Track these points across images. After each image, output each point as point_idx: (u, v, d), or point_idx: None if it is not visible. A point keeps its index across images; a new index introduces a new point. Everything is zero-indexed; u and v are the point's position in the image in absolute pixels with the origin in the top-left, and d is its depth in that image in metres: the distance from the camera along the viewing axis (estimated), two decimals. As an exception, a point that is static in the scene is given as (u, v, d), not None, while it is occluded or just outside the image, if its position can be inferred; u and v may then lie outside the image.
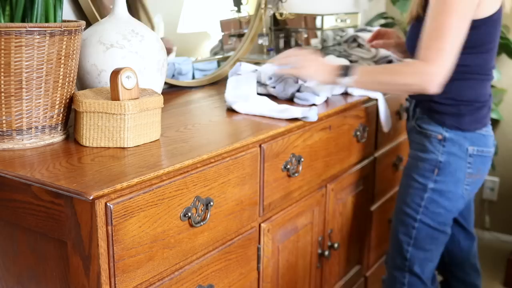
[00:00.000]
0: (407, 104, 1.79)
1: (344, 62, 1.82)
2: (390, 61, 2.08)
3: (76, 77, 1.17)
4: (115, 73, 1.08)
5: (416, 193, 1.65)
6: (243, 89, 1.53)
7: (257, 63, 1.92)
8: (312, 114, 1.41)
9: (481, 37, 1.53)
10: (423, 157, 1.64)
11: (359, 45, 2.08)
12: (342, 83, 1.53)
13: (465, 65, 1.54)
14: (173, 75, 1.80)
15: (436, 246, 1.69)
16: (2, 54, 1.01)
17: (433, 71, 1.45)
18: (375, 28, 2.16)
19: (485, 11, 1.50)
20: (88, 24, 1.48)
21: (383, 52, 2.01)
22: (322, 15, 2.17)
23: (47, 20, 1.09)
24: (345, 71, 1.52)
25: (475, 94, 1.59)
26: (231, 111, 1.47)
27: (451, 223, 1.69)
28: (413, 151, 1.70)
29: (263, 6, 2.09)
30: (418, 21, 1.59)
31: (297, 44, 2.22)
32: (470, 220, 1.86)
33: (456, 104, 1.59)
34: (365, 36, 2.06)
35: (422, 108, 1.67)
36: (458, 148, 1.60)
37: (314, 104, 1.56)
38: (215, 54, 2.02)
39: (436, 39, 1.45)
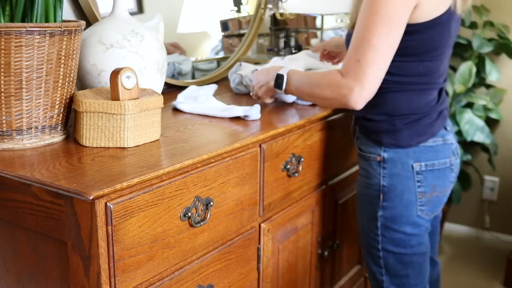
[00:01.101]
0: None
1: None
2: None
3: (76, 77, 1.17)
4: (115, 73, 1.08)
5: (369, 221, 1.48)
6: (197, 93, 1.51)
7: (257, 63, 1.92)
8: (254, 112, 1.36)
9: (424, 44, 1.34)
10: (367, 183, 1.47)
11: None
12: (281, 93, 1.47)
13: (401, 75, 1.36)
14: (173, 75, 1.80)
15: (412, 269, 1.49)
16: (2, 54, 1.01)
17: (349, 84, 1.29)
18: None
19: (425, 15, 1.30)
20: (88, 24, 1.48)
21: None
22: (322, 15, 2.17)
23: (47, 20, 1.09)
24: (278, 81, 1.43)
25: (411, 106, 1.38)
26: (176, 110, 1.46)
27: (424, 241, 1.48)
28: (359, 176, 1.53)
29: (263, 6, 2.09)
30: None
31: (297, 44, 2.22)
32: (433, 246, 1.63)
33: (390, 119, 1.40)
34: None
35: (359, 126, 1.49)
36: (401, 167, 1.41)
37: (314, 104, 1.56)
38: (215, 54, 2.02)
39: (356, 49, 1.29)
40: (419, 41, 1.33)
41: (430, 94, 1.41)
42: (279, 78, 1.44)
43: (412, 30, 1.31)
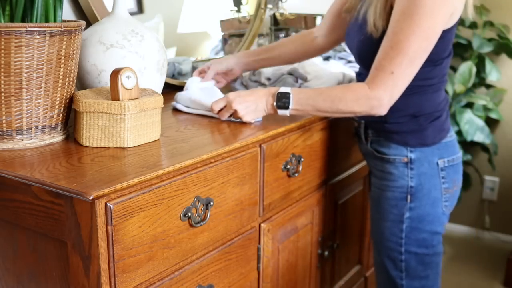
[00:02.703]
0: (355, 124, 1.58)
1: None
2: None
3: (76, 77, 1.17)
4: (115, 73, 1.08)
5: (393, 225, 1.47)
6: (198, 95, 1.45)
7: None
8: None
9: (443, 49, 1.36)
10: (390, 186, 1.45)
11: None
12: (284, 114, 1.34)
13: (421, 79, 1.37)
14: (173, 75, 1.80)
15: (431, 270, 1.51)
16: (2, 54, 1.01)
17: (379, 96, 1.28)
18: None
19: (451, 22, 1.33)
20: (88, 24, 1.48)
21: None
22: (322, 15, 2.17)
23: (47, 20, 1.09)
24: (283, 100, 1.32)
25: (432, 105, 1.41)
26: (176, 110, 1.46)
27: (441, 240, 1.51)
28: (377, 180, 1.50)
29: (263, 6, 2.09)
30: (382, 34, 1.33)
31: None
32: None
33: (415, 119, 1.41)
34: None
35: (375, 129, 1.47)
36: (428, 166, 1.42)
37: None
38: (215, 54, 2.02)
39: (391, 61, 1.26)
40: (439, 48, 1.32)
41: (443, 92, 1.46)
42: (283, 96, 1.32)
43: (441, 36, 1.30)
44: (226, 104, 1.33)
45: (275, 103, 1.32)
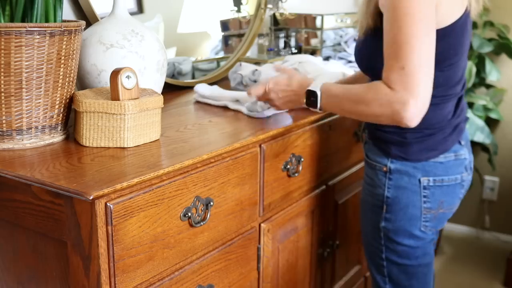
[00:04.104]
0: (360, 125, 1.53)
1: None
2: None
3: (76, 77, 1.17)
4: (115, 73, 1.08)
5: (372, 230, 1.42)
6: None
7: (257, 63, 1.92)
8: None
9: (443, 52, 1.22)
10: (371, 192, 1.40)
11: (359, 45, 2.08)
12: (315, 111, 1.33)
13: None
14: (173, 75, 1.80)
15: (417, 280, 1.42)
16: (2, 54, 1.01)
17: (401, 97, 1.13)
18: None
19: (443, 19, 1.20)
20: (88, 24, 1.48)
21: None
22: (322, 15, 2.17)
23: (47, 20, 1.09)
24: (312, 99, 1.30)
25: (423, 121, 1.20)
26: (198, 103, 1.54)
27: (429, 251, 1.41)
28: (364, 182, 1.46)
29: (263, 6, 2.09)
30: (374, 34, 1.26)
31: (297, 44, 2.22)
32: None
33: (401, 131, 1.30)
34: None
35: (369, 132, 1.42)
36: (408, 180, 1.33)
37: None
38: (215, 54, 2.02)
39: (396, 57, 1.14)
40: (438, 50, 1.18)
41: (446, 107, 1.31)
42: (311, 95, 1.30)
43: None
44: (265, 91, 1.36)
45: (304, 101, 1.32)
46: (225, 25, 2.05)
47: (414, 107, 1.13)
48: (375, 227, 1.40)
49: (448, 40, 1.23)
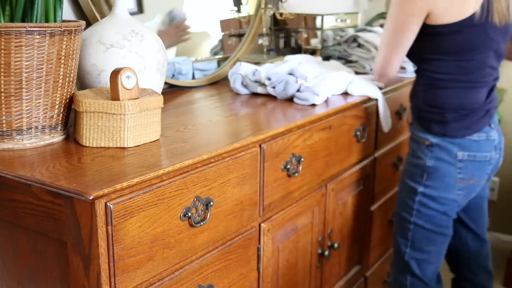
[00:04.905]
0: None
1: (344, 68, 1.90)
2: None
3: (76, 77, 1.17)
4: (115, 73, 1.08)
5: (408, 196, 1.69)
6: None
7: (257, 63, 1.92)
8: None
9: (457, 44, 1.53)
10: (414, 162, 1.67)
11: (359, 45, 2.08)
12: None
13: (444, 73, 1.57)
14: (173, 75, 1.80)
15: (434, 247, 1.70)
16: (2, 54, 1.01)
17: (376, 68, 1.68)
18: (375, 28, 2.16)
19: (448, 18, 1.51)
20: (88, 24, 1.48)
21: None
22: (322, 15, 2.17)
23: (47, 20, 1.09)
24: None
25: (459, 102, 1.58)
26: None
27: (450, 224, 1.69)
28: (407, 156, 1.74)
29: (263, 6, 2.09)
30: None
31: (297, 44, 2.22)
32: (480, 224, 1.85)
33: (440, 112, 1.60)
34: (365, 36, 2.06)
35: (414, 113, 1.71)
36: (446, 153, 1.60)
37: (314, 104, 1.56)
38: (215, 54, 2.02)
39: (382, 39, 1.64)
40: (452, 42, 1.53)
41: (478, 92, 1.59)
42: None
43: (443, 32, 1.52)
44: None
45: None
46: (225, 25, 2.05)
47: (381, 75, 1.69)
48: (413, 192, 1.67)
49: (460, 36, 1.52)
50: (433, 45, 1.56)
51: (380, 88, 1.81)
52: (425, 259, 1.71)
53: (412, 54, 1.66)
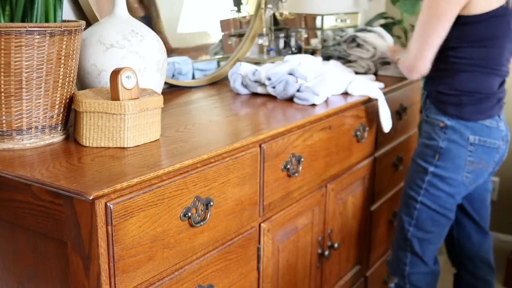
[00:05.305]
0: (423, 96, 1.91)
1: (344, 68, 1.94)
2: (387, 62, 2.09)
3: (76, 77, 1.17)
4: (115, 73, 1.08)
5: (418, 176, 1.76)
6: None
7: (257, 63, 1.92)
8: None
9: (482, 32, 1.63)
10: (427, 143, 1.75)
11: (358, 45, 2.08)
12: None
13: (468, 58, 1.66)
14: (173, 75, 1.80)
15: (437, 228, 1.78)
16: (2, 54, 1.01)
17: (409, 62, 1.73)
18: (375, 28, 2.16)
19: (479, 9, 1.60)
20: (88, 24, 1.48)
21: (380, 51, 2.02)
22: (322, 15, 2.17)
23: (47, 20, 1.09)
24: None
25: (476, 85, 1.67)
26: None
27: (454, 208, 1.77)
28: (420, 138, 1.82)
29: (263, 6, 2.09)
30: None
31: (297, 44, 2.22)
32: (483, 216, 1.91)
33: (458, 94, 1.69)
34: (365, 36, 2.06)
35: (430, 98, 1.79)
36: (459, 136, 1.69)
37: (314, 104, 1.56)
38: (215, 54, 2.02)
39: (416, 33, 1.69)
40: (477, 30, 1.63)
41: (493, 79, 1.68)
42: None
43: (470, 21, 1.61)
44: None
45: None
46: (225, 25, 2.05)
47: (412, 70, 1.73)
48: (423, 172, 1.75)
49: (486, 24, 1.62)
50: (461, 34, 1.64)
51: (380, 88, 1.81)
52: (427, 239, 1.79)
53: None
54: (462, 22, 1.63)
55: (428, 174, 1.74)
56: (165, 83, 1.72)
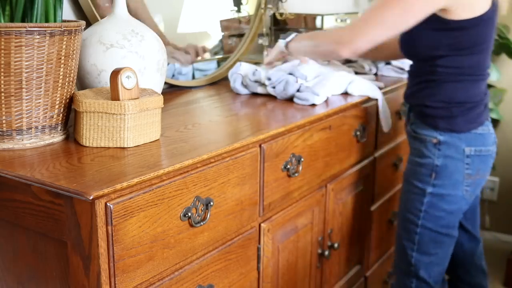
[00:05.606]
0: (403, 107, 1.78)
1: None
2: (388, 63, 2.09)
3: (76, 77, 1.17)
4: (115, 73, 1.08)
5: (415, 198, 1.65)
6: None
7: (257, 63, 1.92)
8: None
9: (473, 38, 1.52)
10: (420, 162, 1.64)
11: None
12: (281, 45, 1.73)
13: (457, 67, 1.55)
14: (173, 75, 1.80)
15: (441, 249, 1.68)
16: (2, 54, 1.01)
17: (345, 34, 1.53)
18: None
19: (467, 14, 1.48)
20: (88, 24, 1.48)
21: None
22: (322, 15, 2.17)
23: (47, 20, 1.09)
24: (286, 35, 1.70)
25: (466, 95, 1.58)
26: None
27: (456, 225, 1.68)
28: (411, 156, 1.69)
29: (263, 6, 2.09)
30: None
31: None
32: (474, 223, 1.84)
33: (447, 106, 1.58)
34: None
35: (415, 112, 1.67)
36: (455, 150, 1.59)
37: (314, 104, 1.56)
38: (215, 54, 2.02)
39: (368, 12, 1.51)
40: (469, 36, 1.51)
41: (481, 85, 1.60)
42: (288, 35, 1.73)
43: (462, 26, 1.49)
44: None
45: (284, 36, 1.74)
46: (225, 25, 2.05)
47: (347, 47, 1.52)
48: (421, 194, 1.63)
49: (477, 29, 1.51)
50: (452, 41, 1.52)
51: (380, 88, 1.81)
52: (432, 261, 1.69)
53: (419, 54, 1.61)
54: (452, 28, 1.50)
55: (427, 196, 1.63)
56: (165, 83, 1.72)
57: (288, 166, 1.39)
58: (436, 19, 1.49)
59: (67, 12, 1.48)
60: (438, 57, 1.55)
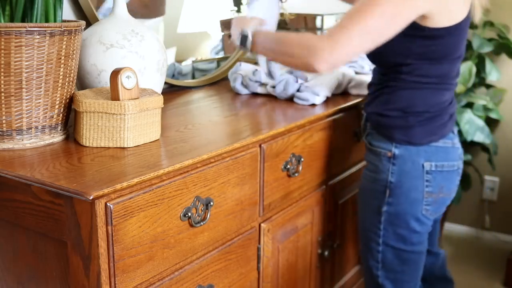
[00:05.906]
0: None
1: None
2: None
3: (76, 77, 1.17)
4: (115, 73, 1.08)
5: (372, 215, 1.49)
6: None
7: (257, 63, 1.92)
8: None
9: (446, 48, 1.37)
10: (374, 177, 1.47)
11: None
12: (244, 47, 1.46)
13: (422, 75, 1.38)
14: (173, 75, 1.80)
15: (408, 266, 1.50)
16: (2, 54, 1.01)
17: (322, 45, 1.28)
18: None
19: (446, 21, 1.32)
20: (88, 24, 1.48)
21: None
22: (322, 15, 2.17)
23: (47, 20, 1.09)
24: (242, 44, 1.44)
25: (425, 103, 1.39)
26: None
27: (423, 240, 1.48)
28: (365, 170, 1.52)
29: (263, 6, 2.09)
30: None
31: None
32: (433, 239, 1.66)
33: (404, 115, 1.40)
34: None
35: (371, 122, 1.49)
36: (412, 165, 1.41)
37: (314, 104, 1.56)
38: (215, 54, 2.02)
39: (347, 18, 1.28)
40: (442, 46, 1.35)
41: (444, 94, 1.42)
42: (244, 40, 1.44)
43: (437, 35, 1.33)
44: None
45: (238, 43, 1.46)
46: (225, 25, 2.05)
47: (332, 58, 1.28)
48: (377, 212, 1.46)
49: (451, 39, 1.36)
50: (424, 50, 1.35)
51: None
52: (399, 279, 1.52)
53: (386, 60, 1.42)
54: (426, 35, 1.33)
55: (383, 214, 1.45)
56: (165, 83, 1.72)
57: (288, 166, 1.39)
58: (411, 25, 1.31)
59: (67, 12, 1.48)
60: (405, 65, 1.38)
